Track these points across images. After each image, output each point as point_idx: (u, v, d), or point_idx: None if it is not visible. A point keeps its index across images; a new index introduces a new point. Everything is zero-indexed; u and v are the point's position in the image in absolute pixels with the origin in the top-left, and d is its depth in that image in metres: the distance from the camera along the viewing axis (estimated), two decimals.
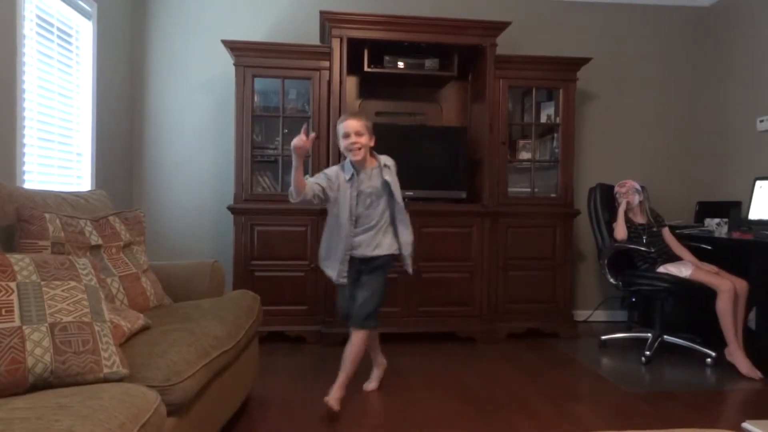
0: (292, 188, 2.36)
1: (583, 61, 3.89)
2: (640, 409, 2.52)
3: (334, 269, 2.49)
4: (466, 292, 3.68)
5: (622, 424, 2.35)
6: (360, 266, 2.48)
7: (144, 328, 1.81)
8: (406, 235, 2.51)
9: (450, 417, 2.40)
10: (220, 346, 1.88)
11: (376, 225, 2.45)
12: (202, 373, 1.68)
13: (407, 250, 2.52)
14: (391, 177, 2.45)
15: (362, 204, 2.44)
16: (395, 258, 2.54)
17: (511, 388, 2.77)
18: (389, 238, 2.49)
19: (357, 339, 2.42)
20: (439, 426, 2.30)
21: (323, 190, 2.41)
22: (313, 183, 2.40)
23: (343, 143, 2.40)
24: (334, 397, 2.34)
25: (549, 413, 2.45)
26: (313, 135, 2.30)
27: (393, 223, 2.50)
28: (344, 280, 2.47)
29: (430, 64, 3.76)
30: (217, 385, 1.91)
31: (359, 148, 2.36)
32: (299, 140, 2.24)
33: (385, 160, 2.49)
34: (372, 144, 2.44)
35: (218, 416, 1.98)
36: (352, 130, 2.36)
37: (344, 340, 2.54)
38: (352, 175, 2.43)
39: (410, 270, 2.57)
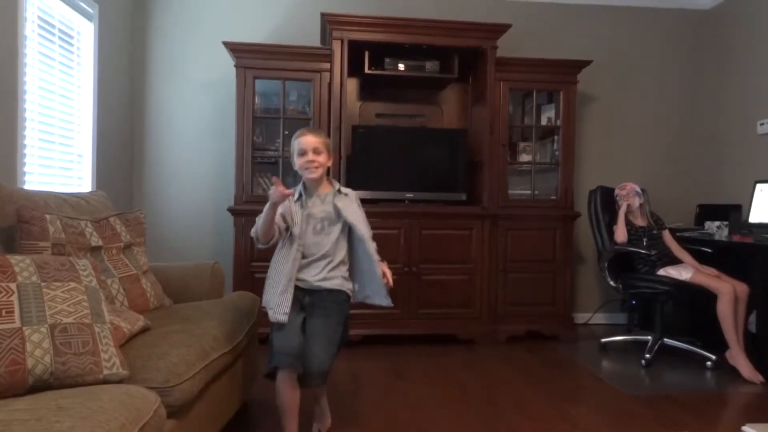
0: (257, 230, 2.06)
1: (583, 64, 3.89)
2: (640, 412, 2.52)
3: (272, 304, 2.01)
4: (466, 294, 3.68)
5: (622, 426, 2.35)
6: (305, 300, 2.08)
7: (144, 330, 1.81)
8: (372, 270, 2.10)
9: (450, 418, 2.39)
10: (220, 347, 1.89)
11: (325, 257, 2.09)
12: (202, 374, 1.68)
13: (371, 287, 2.14)
14: (345, 204, 2.12)
15: (312, 229, 2.10)
16: (348, 298, 2.15)
17: (511, 391, 2.77)
18: (340, 277, 2.11)
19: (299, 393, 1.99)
20: (439, 428, 2.30)
21: (283, 218, 2.08)
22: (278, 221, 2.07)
23: (298, 161, 2.10)
24: None
25: (548, 415, 2.45)
26: (288, 191, 1.96)
27: (352, 265, 2.17)
28: (284, 317, 1.96)
29: (430, 66, 3.76)
30: (217, 387, 1.91)
31: (316, 167, 2.08)
32: (279, 195, 1.94)
33: (345, 189, 2.20)
34: (330, 164, 2.16)
35: (218, 418, 1.98)
36: (310, 147, 2.07)
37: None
38: (300, 195, 2.13)
39: (386, 302, 2.13)
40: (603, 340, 3.65)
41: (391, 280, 2.10)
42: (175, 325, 1.89)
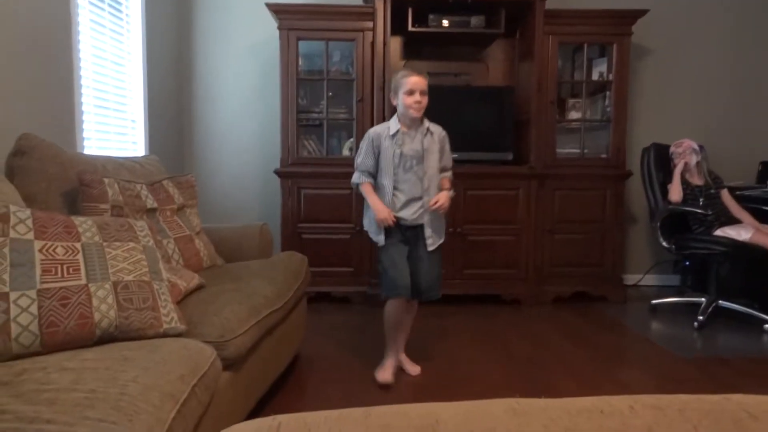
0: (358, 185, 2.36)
1: (639, 14, 3.68)
2: (691, 374, 2.48)
3: (374, 232, 2.35)
4: (512, 254, 3.65)
5: (671, 388, 2.32)
6: (407, 233, 2.32)
7: (199, 287, 1.89)
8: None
9: (494, 378, 2.42)
10: (270, 305, 1.95)
11: (418, 196, 2.29)
12: (254, 330, 1.75)
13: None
14: (429, 146, 2.30)
15: (402, 166, 2.29)
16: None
17: (556, 351, 2.77)
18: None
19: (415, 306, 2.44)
20: (484, 386, 2.33)
21: (374, 165, 2.32)
22: (369, 176, 2.34)
23: (405, 99, 2.24)
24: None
25: (594, 376, 2.44)
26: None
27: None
28: (385, 239, 2.29)
29: (476, 21, 3.65)
30: (268, 343, 1.99)
31: (421, 108, 2.26)
32: (382, 222, 2.25)
33: (433, 127, 2.36)
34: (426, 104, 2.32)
35: (269, 372, 2.07)
36: (419, 87, 2.23)
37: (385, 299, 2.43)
38: (398, 131, 2.30)
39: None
40: (653, 301, 3.58)
41: (439, 204, 2.26)
42: (227, 284, 1.96)
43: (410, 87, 2.24)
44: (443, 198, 2.27)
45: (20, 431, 0.91)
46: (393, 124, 2.32)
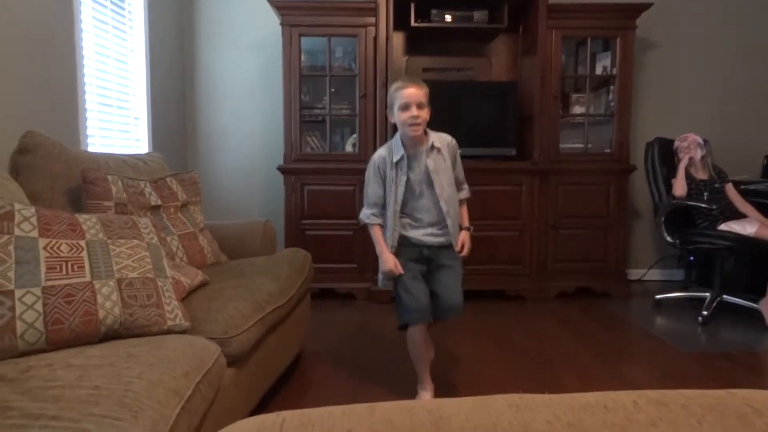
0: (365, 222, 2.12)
1: (643, 8, 3.66)
2: (695, 369, 2.47)
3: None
4: (516, 250, 3.65)
5: (675, 383, 2.31)
6: (425, 252, 2.09)
7: (203, 284, 1.90)
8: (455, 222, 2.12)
9: (498, 374, 2.42)
10: (274, 301, 1.96)
11: (430, 221, 2.08)
12: (258, 327, 1.76)
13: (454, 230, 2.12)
14: (436, 164, 2.04)
15: (410, 192, 2.05)
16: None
17: (559, 346, 2.77)
18: (448, 231, 2.10)
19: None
20: (487, 383, 2.33)
21: (384, 195, 2.09)
22: (379, 215, 2.10)
23: (400, 116, 1.97)
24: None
25: (598, 371, 2.44)
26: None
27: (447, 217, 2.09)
28: (411, 271, 2.05)
29: (478, 16, 3.63)
30: (272, 339, 1.99)
31: (419, 124, 1.96)
32: (390, 272, 2.04)
33: (438, 141, 2.06)
34: (428, 117, 2.03)
35: (273, 368, 2.08)
36: (414, 101, 1.94)
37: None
38: (402, 156, 2.03)
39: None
40: (657, 296, 3.57)
41: (466, 251, 2.12)
42: (231, 281, 1.97)
43: (405, 100, 1.95)
44: (467, 242, 2.12)
45: (26, 427, 0.92)
46: (396, 149, 2.04)
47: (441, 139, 2.09)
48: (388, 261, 2.04)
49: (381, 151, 2.11)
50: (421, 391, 2.14)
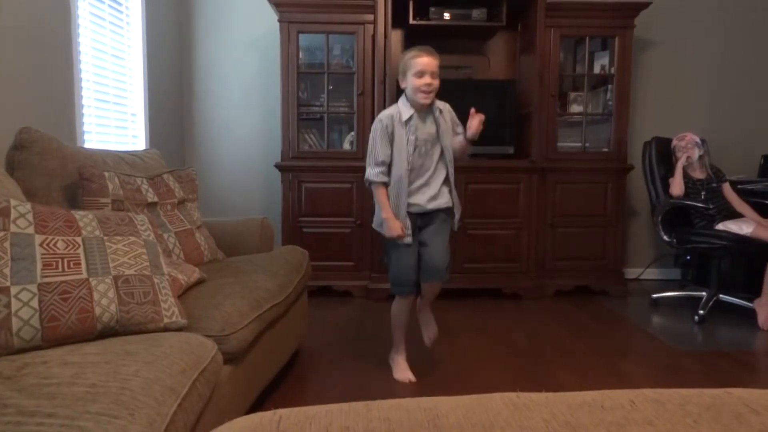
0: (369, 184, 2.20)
1: (641, 6, 3.66)
2: (691, 367, 2.48)
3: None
4: (513, 248, 3.65)
5: (672, 381, 2.32)
6: (418, 222, 2.22)
7: (199, 281, 1.89)
8: (454, 195, 2.28)
9: (495, 372, 2.43)
10: (271, 299, 1.96)
11: (431, 177, 2.19)
12: (255, 324, 1.75)
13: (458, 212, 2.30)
14: (442, 124, 2.20)
15: (418, 152, 2.15)
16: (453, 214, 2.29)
17: (557, 344, 2.77)
18: (446, 194, 2.24)
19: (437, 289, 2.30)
20: (485, 381, 2.33)
21: (391, 154, 2.16)
22: (385, 174, 2.17)
23: (414, 82, 2.08)
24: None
25: (596, 369, 2.44)
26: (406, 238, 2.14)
27: (447, 180, 2.25)
28: (410, 239, 2.16)
29: (477, 14, 3.63)
30: (269, 336, 1.99)
31: (432, 92, 2.09)
32: (393, 235, 2.13)
33: (440, 103, 2.23)
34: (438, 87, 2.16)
35: (271, 365, 2.08)
36: (429, 69, 2.07)
37: (392, 296, 2.44)
38: (411, 116, 2.14)
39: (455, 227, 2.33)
40: (654, 295, 3.58)
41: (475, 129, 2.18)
42: (228, 278, 1.96)
43: (420, 68, 2.07)
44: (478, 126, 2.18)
45: (21, 425, 0.92)
46: (404, 109, 2.15)
47: (442, 104, 2.24)
48: (396, 227, 2.13)
49: (387, 111, 2.20)
50: (395, 356, 2.35)
